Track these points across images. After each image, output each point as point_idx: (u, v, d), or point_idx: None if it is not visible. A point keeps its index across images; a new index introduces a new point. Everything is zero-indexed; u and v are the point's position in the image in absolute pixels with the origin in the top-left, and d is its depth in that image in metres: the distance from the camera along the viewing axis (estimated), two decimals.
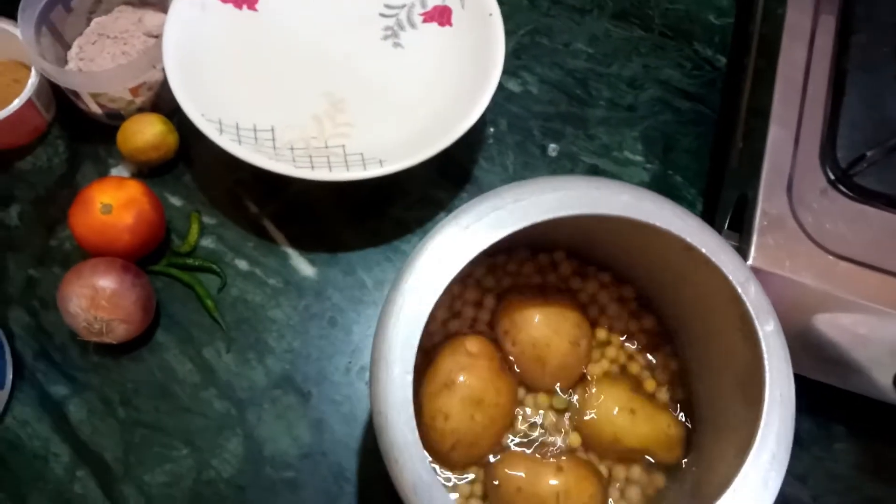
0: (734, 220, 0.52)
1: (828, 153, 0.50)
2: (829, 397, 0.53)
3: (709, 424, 0.46)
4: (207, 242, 0.60)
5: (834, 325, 0.49)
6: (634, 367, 0.49)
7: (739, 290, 0.40)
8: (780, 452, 0.38)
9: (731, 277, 0.40)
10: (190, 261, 0.58)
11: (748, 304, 0.40)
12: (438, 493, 0.36)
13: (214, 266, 0.58)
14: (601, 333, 0.49)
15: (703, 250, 0.41)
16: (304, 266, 0.59)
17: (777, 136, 0.51)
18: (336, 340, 0.57)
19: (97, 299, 0.51)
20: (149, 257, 0.57)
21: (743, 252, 0.48)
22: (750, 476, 0.37)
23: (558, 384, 0.47)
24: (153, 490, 0.52)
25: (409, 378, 0.38)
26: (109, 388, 0.55)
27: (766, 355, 0.39)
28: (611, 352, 0.49)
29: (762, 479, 0.37)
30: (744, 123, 0.60)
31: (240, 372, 0.56)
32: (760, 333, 0.39)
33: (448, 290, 0.47)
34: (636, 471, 0.46)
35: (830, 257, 0.47)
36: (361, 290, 0.59)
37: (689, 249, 0.41)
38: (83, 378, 0.55)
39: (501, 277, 0.50)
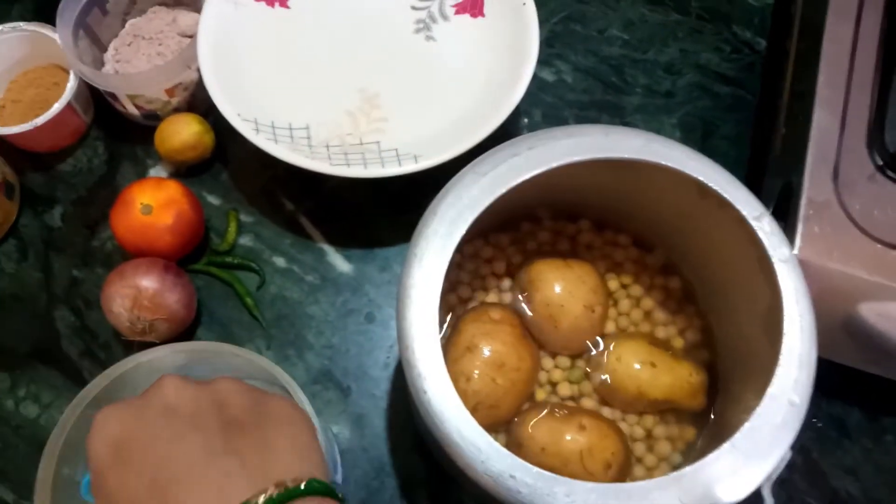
0: (779, 210, 0.51)
1: (875, 138, 0.49)
2: (878, 389, 0.52)
3: (735, 376, 0.46)
4: (245, 240, 0.60)
5: (882, 315, 0.47)
6: (658, 327, 0.50)
7: (754, 224, 0.41)
8: (803, 377, 0.38)
9: (744, 213, 0.41)
10: (229, 259, 0.58)
11: (762, 236, 0.41)
12: (466, 419, 0.37)
13: (253, 264, 0.58)
14: (623, 295, 0.51)
15: (715, 187, 0.42)
16: (340, 262, 0.60)
17: (822, 121, 0.50)
18: (374, 336, 0.57)
19: (140, 299, 0.52)
20: (188, 256, 0.58)
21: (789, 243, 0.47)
22: (775, 398, 0.38)
23: (571, 346, 0.49)
24: None
25: (435, 313, 0.39)
26: None
27: (782, 283, 0.40)
28: (634, 313, 0.50)
29: (787, 402, 0.38)
30: (786, 108, 0.58)
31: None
32: (776, 262, 0.40)
33: (474, 260, 0.50)
34: (662, 427, 0.47)
35: (879, 245, 0.46)
36: (397, 286, 0.59)
37: (703, 193, 0.42)
38: None
39: (526, 247, 0.52)
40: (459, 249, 0.41)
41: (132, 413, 0.31)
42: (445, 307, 0.49)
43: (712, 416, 0.48)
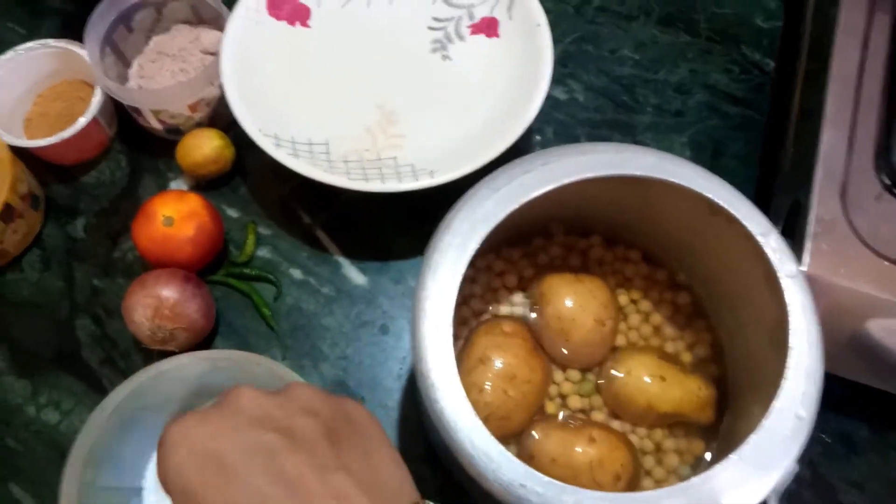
0: (787, 228, 0.52)
1: (883, 158, 0.50)
2: (885, 403, 0.53)
3: (743, 390, 0.47)
4: (263, 252, 0.61)
5: (890, 331, 0.48)
6: (667, 342, 0.51)
7: (761, 240, 0.42)
8: (810, 390, 0.39)
9: (751, 229, 0.42)
10: (247, 270, 0.60)
11: (770, 252, 0.42)
12: (479, 428, 0.37)
13: (270, 276, 0.60)
14: (633, 310, 0.52)
15: (724, 205, 0.42)
16: (355, 274, 0.61)
17: (830, 140, 0.51)
18: (387, 347, 0.58)
19: (161, 309, 0.53)
20: (207, 267, 0.59)
21: (797, 259, 0.47)
22: (782, 411, 0.38)
23: (582, 359, 0.49)
24: None
25: (449, 327, 0.40)
26: None
27: (788, 298, 0.41)
28: (644, 328, 0.51)
29: (794, 415, 0.38)
30: (795, 127, 0.59)
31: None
32: (782, 278, 0.41)
33: (486, 273, 0.51)
34: (671, 440, 0.48)
35: (886, 263, 0.47)
36: (411, 298, 0.60)
37: (713, 210, 0.43)
38: None
39: (538, 261, 0.52)
40: (472, 263, 0.42)
41: (219, 425, 0.29)
42: (458, 320, 0.50)
43: (721, 430, 0.48)
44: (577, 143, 0.46)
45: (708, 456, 0.48)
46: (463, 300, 0.50)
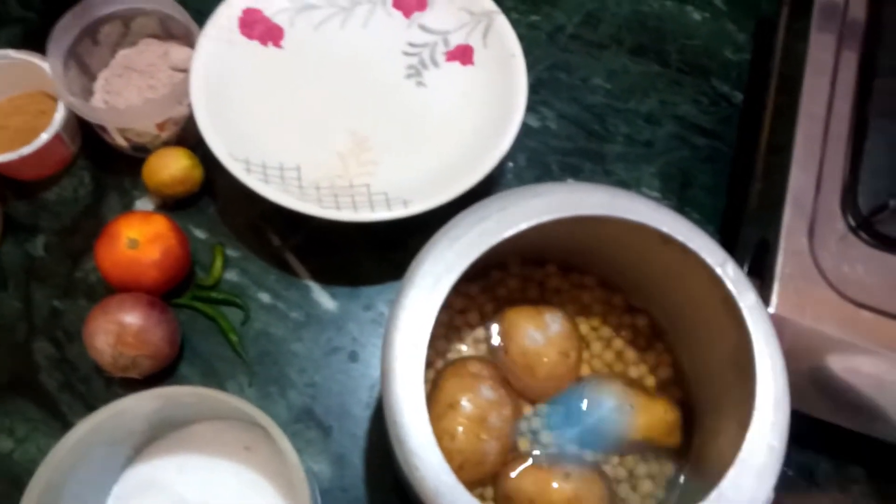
0: (755, 264, 0.52)
1: (849, 199, 0.51)
2: (847, 438, 0.54)
3: (707, 410, 0.48)
4: (231, 275, 0.60)
5: (853, 371, 0.49)
6: (630, 366, 0.51)
7: (718, 271, 0.42)
8: (780, 419, 0.40)
9: (708, 260, 0.42)
10: (214, 294, 0.58)
11: (728, 283, 0.42)
12: (462, 495, 0.37)
13: (238, 300, 0.59)
14: (594, 337, 0.52)
15: (679, 238, 0.43)
16: (325, 299, 0.60)
17: (799, 180, 0.52)
18: (357, 375, 0.58)
19: (124, 336, 0.51)
20: (173, 290, 0.58)
21: (764, 299, 0.48)
22: (755, 443, 0.39)
23: (550, 392, 0.49)
24: None
25: (421, 387, 0.39)
26: None
27: (751, 328, 0.41)
28: (606, 354, 0.51)
29: (767, 446, 0.39)
30: (763, 162, 0.60)
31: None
32: (743, 309, 0.42)
33: (447, 311, 0.50)
34: (643, 466, 0.48)
35: (851, 306, 0.48)
36: (381, 325, 0.60)
37: (666, 240, 0.43)
38: None
39: (497, 295, 0.52)
40: None
41: None
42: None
43: (690, 451, 0.49)
44: (531, 185, 0.46)
45: (681, 478, 0.48)
46: (429, 342, 0.50)
